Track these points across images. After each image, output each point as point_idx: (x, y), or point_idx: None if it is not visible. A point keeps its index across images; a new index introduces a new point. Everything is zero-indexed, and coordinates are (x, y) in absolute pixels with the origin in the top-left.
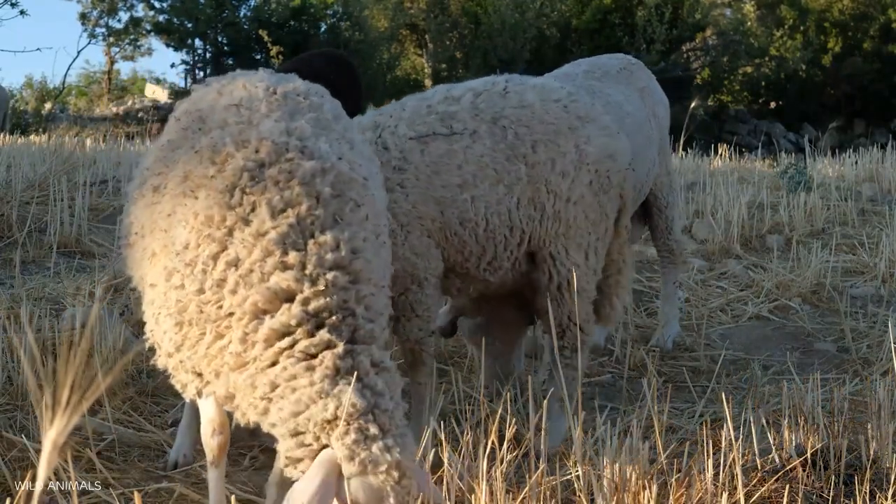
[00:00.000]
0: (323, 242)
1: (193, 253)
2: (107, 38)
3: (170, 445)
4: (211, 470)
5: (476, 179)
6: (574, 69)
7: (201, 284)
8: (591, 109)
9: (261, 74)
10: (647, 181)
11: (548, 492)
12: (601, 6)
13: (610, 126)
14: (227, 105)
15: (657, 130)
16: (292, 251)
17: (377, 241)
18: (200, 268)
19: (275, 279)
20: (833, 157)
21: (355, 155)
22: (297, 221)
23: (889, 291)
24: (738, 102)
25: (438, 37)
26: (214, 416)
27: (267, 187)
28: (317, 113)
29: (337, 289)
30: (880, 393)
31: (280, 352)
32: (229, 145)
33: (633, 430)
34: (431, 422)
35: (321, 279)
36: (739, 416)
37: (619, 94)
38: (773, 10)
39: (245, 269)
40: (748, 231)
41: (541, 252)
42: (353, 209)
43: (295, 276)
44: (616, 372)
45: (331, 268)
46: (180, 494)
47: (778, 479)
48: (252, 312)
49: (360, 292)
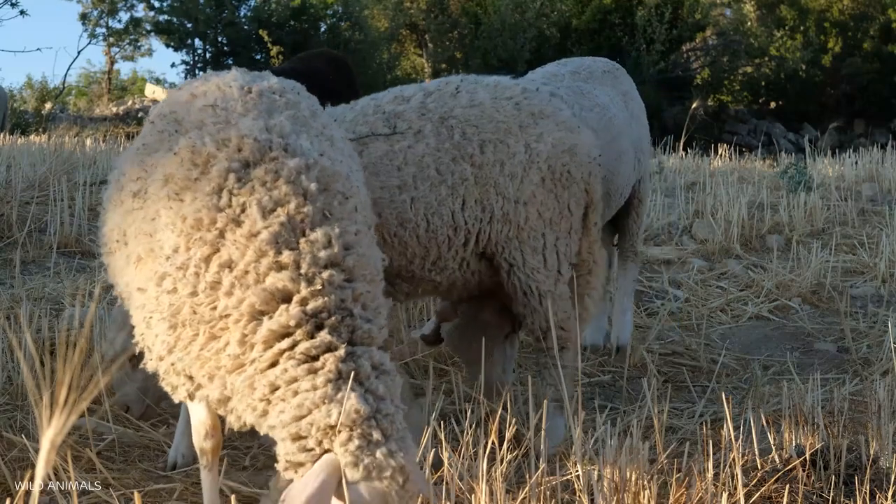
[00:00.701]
0: (315, 240)
1: (184, 256)
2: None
3: (169, 445)
4: (204, 472)
5: (416, 180)
6: (560, 69)
7: (194, 287)
8: (547, 105)
9: (234, 74)
10: (628, 184)
11: (548, 492)
12: (601, 6)
13: (568, 121)
14: (203, 106)
15: (637, 134)
16: (286, 250)
17: (369, 233)
18: (193, 271)
19: (271, 280)
20: (833, 157)
21: (336, 151)
22: (288, 220)
23: (889, 291)
24: (738, 102)
25: (438, 37)
26: (206, 419)
27: (255, 188)
28: (294, 110)
29: (333, 287)
30: (880, 393)
31: (280, 353)
32: (209, 145)
33: (633, 430)
34: (431, 421)
35: (317, 278)
36: (739, 416)
37: (604, 95)
38: (773, 10)
39: (240, 271)
40: (748, 231)
41: (496, 258)
42: (342, 202)
43: (290, 276)
44: (616, 372)
45: (325, 266)
46: (180, 494)
47: (778, 479)
48: (250, 314)
49: (356, 290)
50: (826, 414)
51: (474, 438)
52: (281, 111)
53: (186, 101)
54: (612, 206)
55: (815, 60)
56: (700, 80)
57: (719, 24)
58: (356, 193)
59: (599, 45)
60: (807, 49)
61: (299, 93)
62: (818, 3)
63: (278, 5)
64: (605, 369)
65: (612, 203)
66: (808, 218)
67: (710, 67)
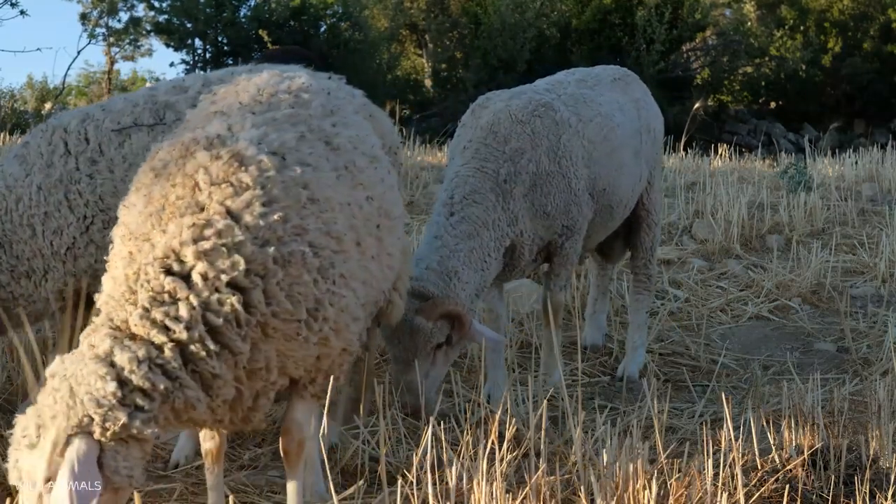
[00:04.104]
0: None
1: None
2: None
3: (170, 445)
4: (208, 473)
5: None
6: (567, 77)
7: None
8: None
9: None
10: (632, 196)
11: (548, 492)
12: (601, 6)
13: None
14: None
15: (650, 145)
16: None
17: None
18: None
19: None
20: (833, 157)
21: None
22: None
23: (889, 291)
24: (738, 102)
25: (438, 37)
26: None
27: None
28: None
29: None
30: (880, 393)
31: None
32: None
33: (633, 430)
34: (431, 421)
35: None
36: (739, 416)
37: (612, 102)
38: (773, 10)
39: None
40: (748, 231)
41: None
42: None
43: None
44: (616, 372)
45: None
46: (180, 494)
47: (778, 479)
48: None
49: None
50: (826, 414)
51: (474, 438)
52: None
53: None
54: (615, 219)
55: (815, 60)
56: (700, 80)
57: (719, 24)
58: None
59: (599, 45)
60: (807, 49)
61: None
62: (818, 3)
63: (278, 5)
64: (605, 369)
65: (615, 215)
66: (808, 218)
67: (710, 67)
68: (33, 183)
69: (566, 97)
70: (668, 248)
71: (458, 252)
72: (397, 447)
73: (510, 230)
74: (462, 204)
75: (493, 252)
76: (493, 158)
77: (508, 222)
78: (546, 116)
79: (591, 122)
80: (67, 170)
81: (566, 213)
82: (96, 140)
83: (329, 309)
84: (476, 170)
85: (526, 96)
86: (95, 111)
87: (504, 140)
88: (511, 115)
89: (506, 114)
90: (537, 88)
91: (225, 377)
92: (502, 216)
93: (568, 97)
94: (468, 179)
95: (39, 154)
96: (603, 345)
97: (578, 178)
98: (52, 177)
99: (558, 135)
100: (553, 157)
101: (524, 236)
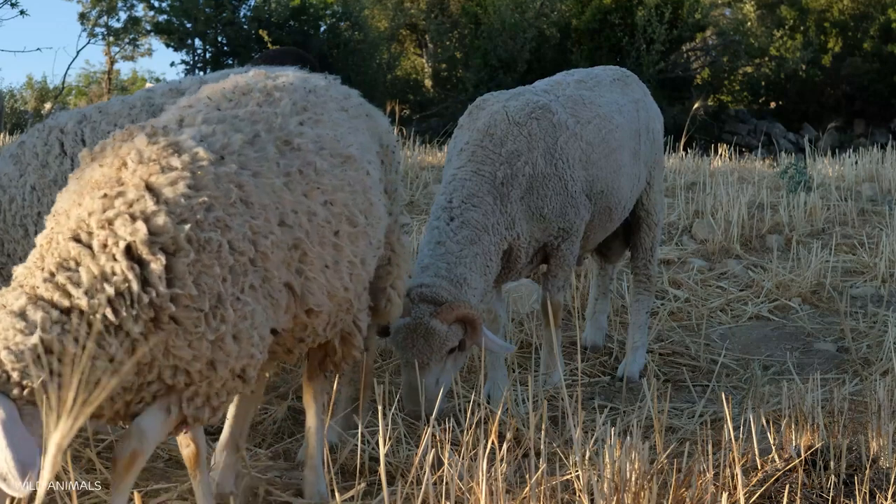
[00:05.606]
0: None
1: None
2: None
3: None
4: (192, 480)
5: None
6: (566, 78)
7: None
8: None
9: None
10: (631, 197)
11: (548, 492)
12: (601, 6)
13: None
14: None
15: (650, 146)
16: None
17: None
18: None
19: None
20: (833, 157)
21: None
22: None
23: (889, 291)
24: (738, 102)
25: (438, 37)
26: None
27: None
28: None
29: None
30: (880, 393)
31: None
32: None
33: (633, 430)
34: (431, 421)
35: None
36: (739, 416)
37: (611, 103)
38: (773, 10)
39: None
40: (748, 231)
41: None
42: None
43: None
44: (616, 372)
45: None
46: (180, 494)
47: (778, 479)
48: None
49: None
50: (826, 414)
51: (474, 439)
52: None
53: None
54: (613, 220)
55: (815, 60)
56: (700, 80)
57: (719, 24)
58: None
59: (599, 45)
60: (807, 49)
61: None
62: (818, 3)
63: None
64: (605, 369)
65: (614, 217)
66: (808, 218)
67: (710, 67)
68: (27, 183)
69: (564, 99)
70: (668, 248)
71: (463, 259)
72: (397, 447)
73: (508, 233)
74: (461, 208)
75: (494, 256)
76: (490, 161)
77: (506, 225)
78: (543, 119)
79: (589, 123)
80: (62, 171)
81: (562, 215)
82: (93, 141)
83: (230, 311)
84: (473, 172)
85: (523, 98)
86: (92, 113)
87: (500, 142)
88: (508, 117)
89: (502, 116)
90: (536, 90)
91: (122, 360)
92: (500, 219)
93: (566, 99)
94: (466, 182)
95: (35, 154)
96: (603, 345)
97: (575, 180)
98: (46, 177)
99: (555, 137)
100: (549, 160)
101: (521, 239)
